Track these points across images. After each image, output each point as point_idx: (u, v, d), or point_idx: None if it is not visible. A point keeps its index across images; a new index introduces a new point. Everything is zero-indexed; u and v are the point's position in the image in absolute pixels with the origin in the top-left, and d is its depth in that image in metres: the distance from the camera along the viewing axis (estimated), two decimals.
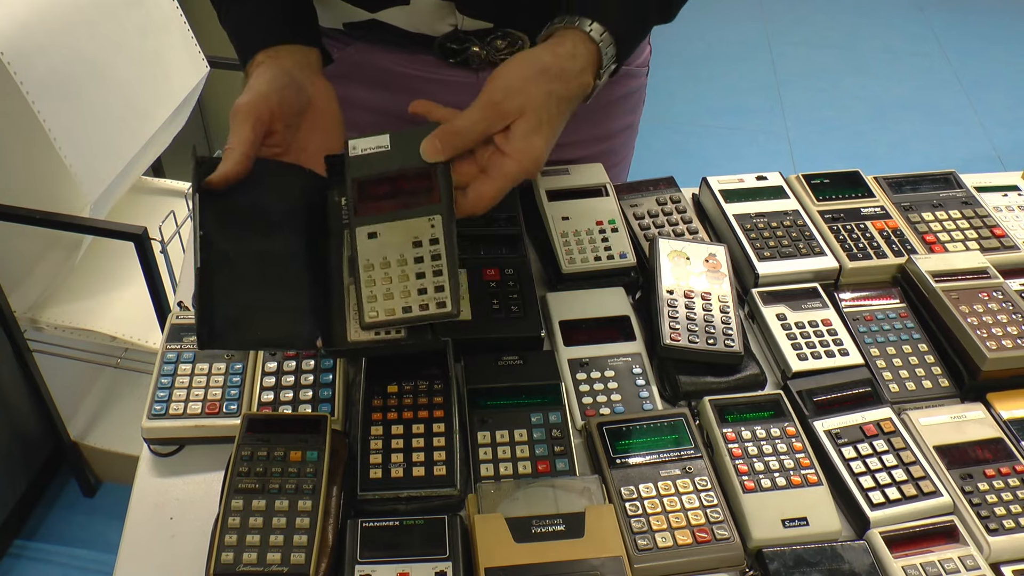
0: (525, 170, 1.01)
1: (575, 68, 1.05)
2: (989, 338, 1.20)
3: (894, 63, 4.63)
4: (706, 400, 1.13)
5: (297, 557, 0.94)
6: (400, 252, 0.98)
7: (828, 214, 1.43)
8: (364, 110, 1.44)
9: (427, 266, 0.97)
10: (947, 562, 0.99)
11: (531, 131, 1.00)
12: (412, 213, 0.99)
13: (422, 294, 0.96)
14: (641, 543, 0.99)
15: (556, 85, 1.03)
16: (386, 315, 0.96)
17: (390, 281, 0.97)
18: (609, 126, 1.54)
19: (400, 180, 1.01)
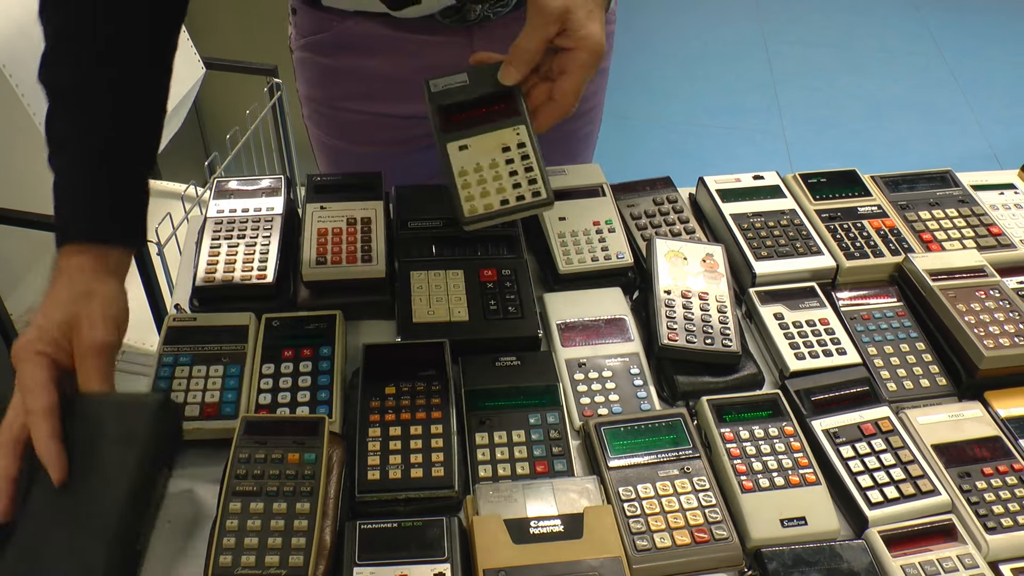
0: (594, 54, 1.06)
1: None
2: (986, 336, 1.20)
3: (890, 62, 4.63)
4: (704, 400, 1.13)
5: (295, 559, 0.94)
6: (492, 157, 1.07)
7: (825, 213, 1.42)
8: (360, 76, 1.46)
9: (518, 165, 1.06)
10: (945, 561, 0.99)
11: (584, 19, 1.06)
12: (497, 126, 1.08)
13: (517, 188, 1.05)
14: (640, 544, 0.99)
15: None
16: (485, 209, 1.04)
17: (485, 182, 1.05)
18: None
19: (481, 103, 1.09)
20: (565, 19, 1.05)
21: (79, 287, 1.01)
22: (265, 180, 1.40)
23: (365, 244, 1.28)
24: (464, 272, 1.27)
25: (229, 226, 1.32)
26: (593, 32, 1.06)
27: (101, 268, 1.04)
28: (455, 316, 1.22)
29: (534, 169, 1.06)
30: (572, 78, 1.07)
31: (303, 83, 1.57)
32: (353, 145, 1.57)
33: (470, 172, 1.06)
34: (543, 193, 1.04)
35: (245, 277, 1.26)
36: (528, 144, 1.07)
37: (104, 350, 1.00)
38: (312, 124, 1.62)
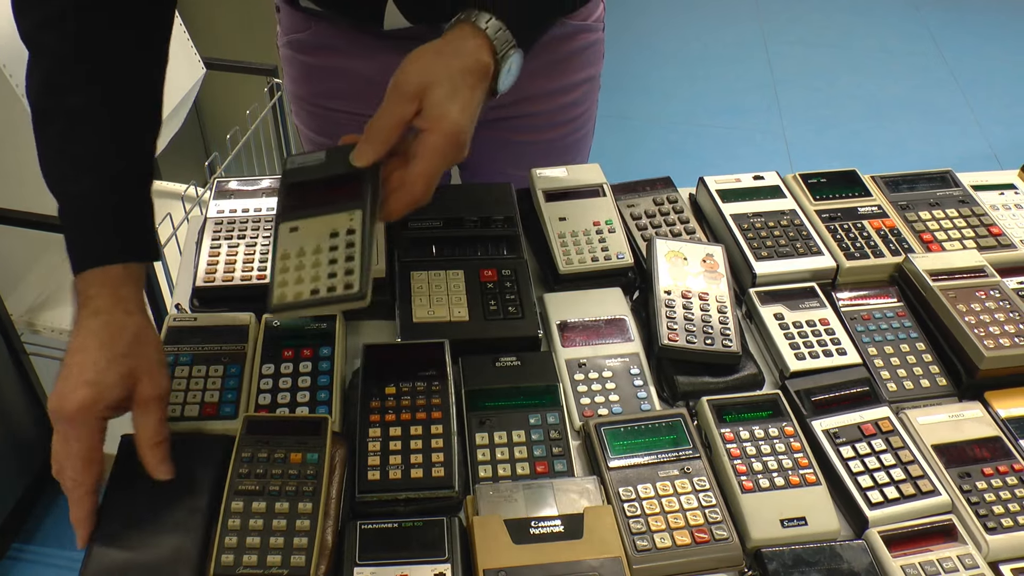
0: (447, 139, 0.99)
1: (468, 46, 1.04)
2: (987, 336, 1.20)
3: (890, 62, 4.63)
4: (704, 400, 1.13)
5: (297, 559, 0.94)
6: (317, 243, 0.98)
7: (825, 213, 1.43)
8: (339, 75, 1.47)
9: (340, 253, 0.97)
10: (946, 561, 0.99)
11: (443, 99, 0.99)
12: (334, 209, 1.00)
13: (331, 277, 0.95)
14: (640, 544, 0.99)
15: (454, 60, 1.03)
16: (294, 297, 0.95)
17: (303, 268, 0.97)
18: (568, 79, 1.54)
19: (328, 184, 1.02)
20: (422, 97, 1.00)
21: (131, 329, 1.01)
22: (265, 180, 1.40)
23: None
24: (464, 272, 1.27)
25: (229, 226, 1.33)
26: (448, 113, 0.99)
27: (140, 299, 1.05)
28: (455, 316, 1.22)
29: (355, 259, 0.95)
30: (422, 163, 1.00)
31: (288, 79, 1.59)
32: (334, 141, 1.56)
33: (292, 256, 0.98)
34: (355, 286, 0.94)
35: (245, 277, 1.26)
36: (358, 231, 0.97)
37: (165, 398, 1.02)
38: (299, 121, 1.63)
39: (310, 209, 1.01)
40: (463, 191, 1.45)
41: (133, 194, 1.08)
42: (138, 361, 1.00)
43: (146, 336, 1.02)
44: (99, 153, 1.06)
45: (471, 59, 1.03)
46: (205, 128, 3.11)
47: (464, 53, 1.04)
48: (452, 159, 1.01)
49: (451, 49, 1.04)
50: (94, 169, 1.05)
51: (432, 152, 0.99)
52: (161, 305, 1.90)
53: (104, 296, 1.02)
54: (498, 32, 1.05)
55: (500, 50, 1.06)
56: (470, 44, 1.04)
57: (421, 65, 1.02)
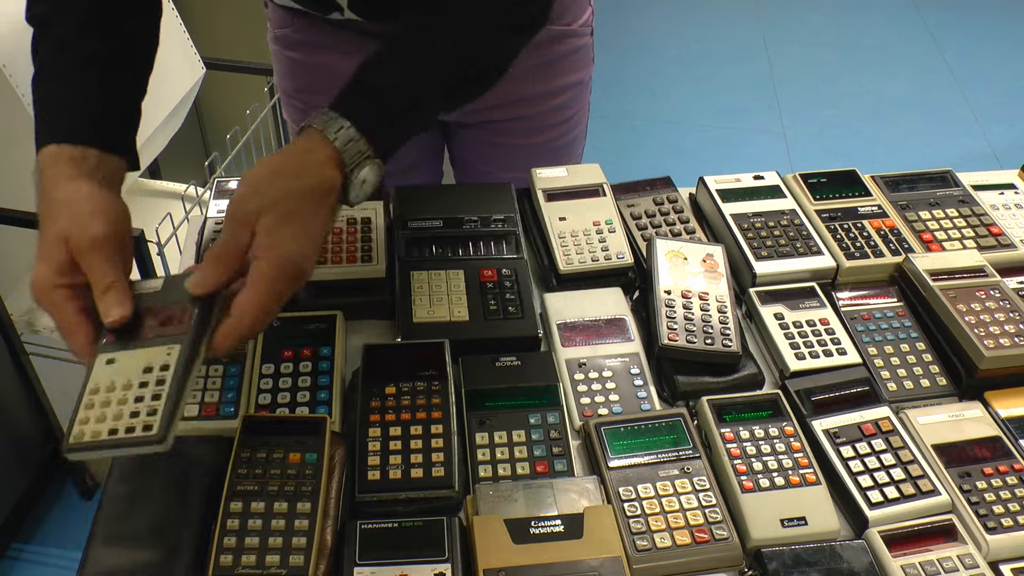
0: (278, 268, 0.95)
1: (312, 161, 1.00)
2: (987, 336, 1.20)
3: (890, 61, 4.63)
4: (704, 400, 1.13)
5: (296, 559, 0.94)
6: (128, 378, 0.91)
7: (825, 213, 1.43)
8: (325, 71, 1.46)
9: (149, 391, 0.90)
10: (946, 561, 0.99)
11: (273, 227, 0.95)
12: (154, 342, 0.94)
13: (133, 417, 0.88)
14: (640, 544, 0.99)
15: (293, 182, 0.98)
16: (92, 437, 0.88)
17: (108, 405, 0.90)
18: (557, 82, 1.56)
19: (156, 315, 0.96)
20: (254, 224, 0.95)
21: (60, 197, 0.98)
22: None
23: (365, 244, 1.28)
24: (464, 272, 1.27)
25: None
26: (280, 241, 0.95)
27: (77, 172, 1.01)
28: (455, 316, 1.22)
29: (160, 399, 0.88)
30: (250, 292, 0.94)
31: (277, 75, 1.60)
32: None
33: (101, 391, 0.91)
34: (154, 428, 0.87)
35: None
36: (172, 368, 0.90)
37: (97, 243, 0.96)
38: (288, 117, 1.64)
39: (131, 341, 0.94)
40: (463, 191, 1.46)
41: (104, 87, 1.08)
42: (64, 222, 0.96)
43: (75, 197, 0.98)
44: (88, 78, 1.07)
45: (312, 179, 0.99)
46: (205, 128, 3.11)
47: (305, 172, 0.99)
48: (285, 288, 0.96)
49: (292, 168, 1.00)
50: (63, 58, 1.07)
51: (260, 281, 0.94)
52: None
53: (43, 178, 1.01)
54: (348, 144, 1.01)
55: (350, 163, 1.01)
56: (315, 158, 1.00)
57: (255, 189, 0.97)
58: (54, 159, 1.02)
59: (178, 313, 0.95)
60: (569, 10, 1.49)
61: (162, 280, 0.99)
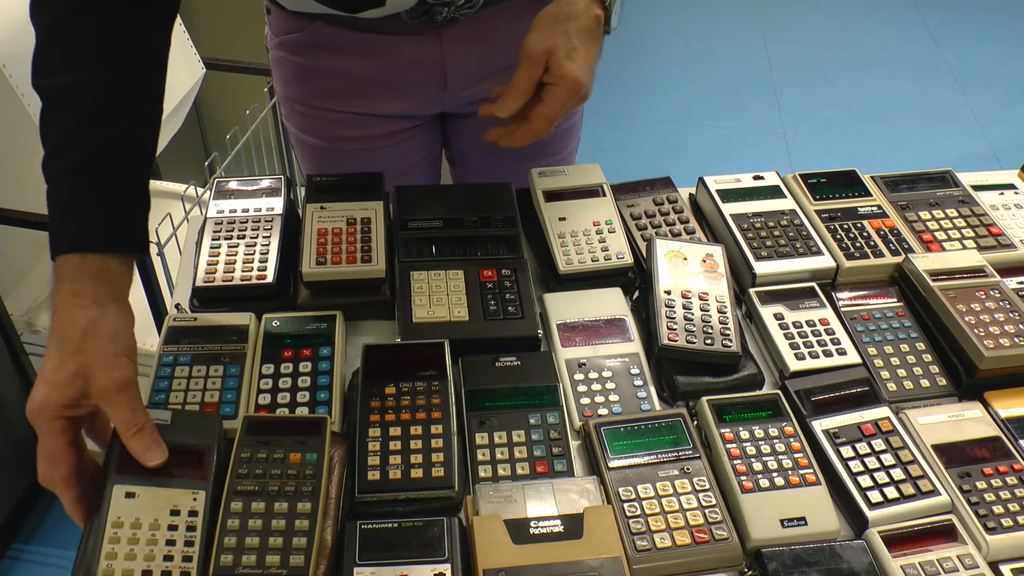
0: (570, 90, 1.19)
1: (580, 6, 1.22)
2: (987, 336, 1.20)
3: (890, 61, 4.63)
4: (704, 400, 1.13)
5: (296, 559, 0.94)
6: (155, 516, 0.96)
7: (825, 213, 1.43)
8: (335, 75, 1.48)
9: (180, 535, 0.95)
10: (946, 561, 0.99)
11: (563, 59, 1.18)
12: (177, 483, 0.99)
13: (168, 561, 0.93)
14: (640, 544, 0.99)
15: (569, 23, 1.21)
16: (123, 574, 0.92)
17: (137, 542, 0.94)
18: None
19: (172, 451, 1.00)
20: (548, 60, 1.19)
21: (81, 324, 1.00)
22: (265, 180, 1.40)
23: (365, 244, 1.28)
24: (464, 272, 1.27)
25: (229, 226, 1.32)
26: (570, 71, 1.19)
27: (102, 291, 1.03)
28: (455, 316, 1.22)
29: (194, 544, 0.95)
30: (547, 107, 1.20)
31: (279, 82, 1.59)
32: (330, 143, 1.58)
33: (125, 525, 0.95)
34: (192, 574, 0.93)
35: (245, 277, 1.26)
36: (200, 514, 0.97)
37: (125, 386, 0.99)
38: (290, 123, 1.63)
39: (151, 476, 0.99)
40: (463, 191, 1.46)
41: (113, 183, 1.07)
42: (88, 356, 0.98)
43: (99, 328, 1.00)
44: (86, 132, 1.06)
45: (584, 18, 1.22)
46: (205, 128, 3.11)
47: (577, 14, 1.21)
48: (573, 104, 1.22)
49: (565, 13, 1.21)
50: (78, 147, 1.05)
51: (555, 99, 1.19)
52: (161, 305, 1.90)
53: (61, 291, 1.02)
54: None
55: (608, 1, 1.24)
56: (581, 3, 1.22)
57: (543, 33, 1.20)
58: (76, 273, 1.03)
59: (195, 455, 1.01)
60: None
61: (170, 413, 1.04)
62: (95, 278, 1.03)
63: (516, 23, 1.41)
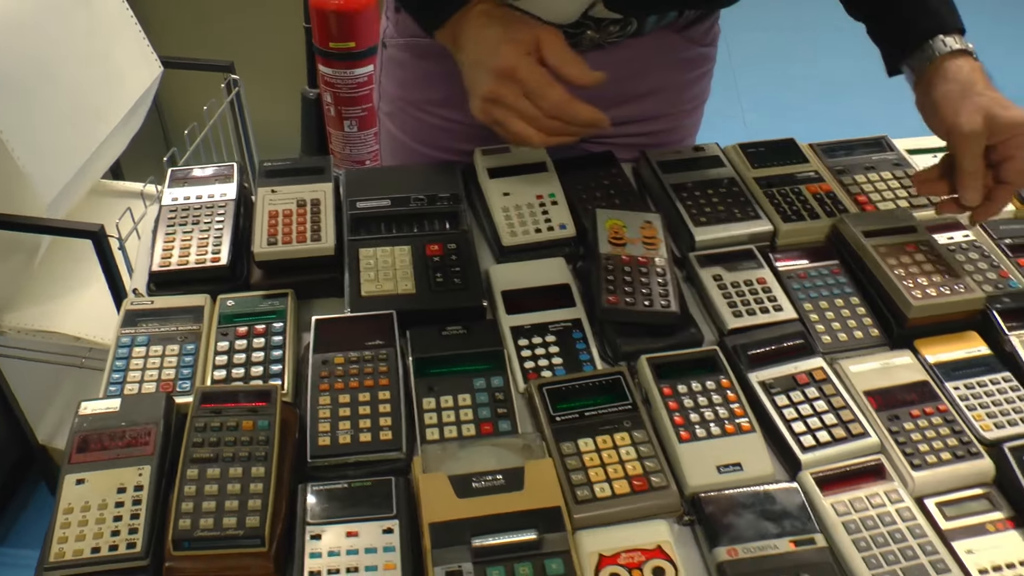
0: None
1: (964, 69, 1.26)
2: (915, 288, 1.24)
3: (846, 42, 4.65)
4: (643, 358, 1.17)
5: (252, 520, 0.97)
6: (103, 497, 0.99)
7: (764, 180, 1.47)
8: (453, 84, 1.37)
9: (126, 510, 0.99)
10: (874, 497, 1.03)
11: (1000, 111, 1.20)
12: (124, 463, 1.03)
13: (115, 536, 0.97)
14: (580, 494, 1.03)
15: (974, 87, 1.24)
16: (73, 555, 0.95)
17: (86, 523, 0.98)
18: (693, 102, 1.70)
19: (121, 436, 1.05)
20: (988, 125, 1.19)
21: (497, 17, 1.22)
22: (218, 167, 1.43)
23: (315, 224, 1.32)
24: (411, 248, 1.30)
25: (184, 213, 1.36)
26: (1017, 114, 1.19)
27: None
28: (402, 289, 1.25)
29: (140, 517, 0.98)
30: (1017, 162, 1.21)
31: (391, 80, 1.60)
32: (435, 151, 1.59)
33: (75, 510, 0.99)
34: (138, 547, 0.96)
35: (200, 260, 1.29)
36: (146, 487, 1.00)
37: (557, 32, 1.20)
38: (393, 124, 1.64)
39: (99, 462, 1.03)
40: (409, 172, 1.48)
41: None
42: (522, 18, 1.23)
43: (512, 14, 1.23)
44: None
45: (978, 74, 1.25)
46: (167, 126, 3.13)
47: (972, 77, 1.25)
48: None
49: (963, 83, 1.24)
50: None
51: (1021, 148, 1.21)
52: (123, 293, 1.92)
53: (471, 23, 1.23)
54: (964, 40, 1.28)
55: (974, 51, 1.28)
56: (964, 67, 1.26)
57: (961, 108, 1.22)
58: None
59: (142, 434, 1.05)
60: (714, 28, 1.59)
61: (118, 400, 1.09)
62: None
63: (658, 54, 1.48)
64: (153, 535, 0.97)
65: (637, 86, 1.52)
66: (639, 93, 1.53)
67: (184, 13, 2.88)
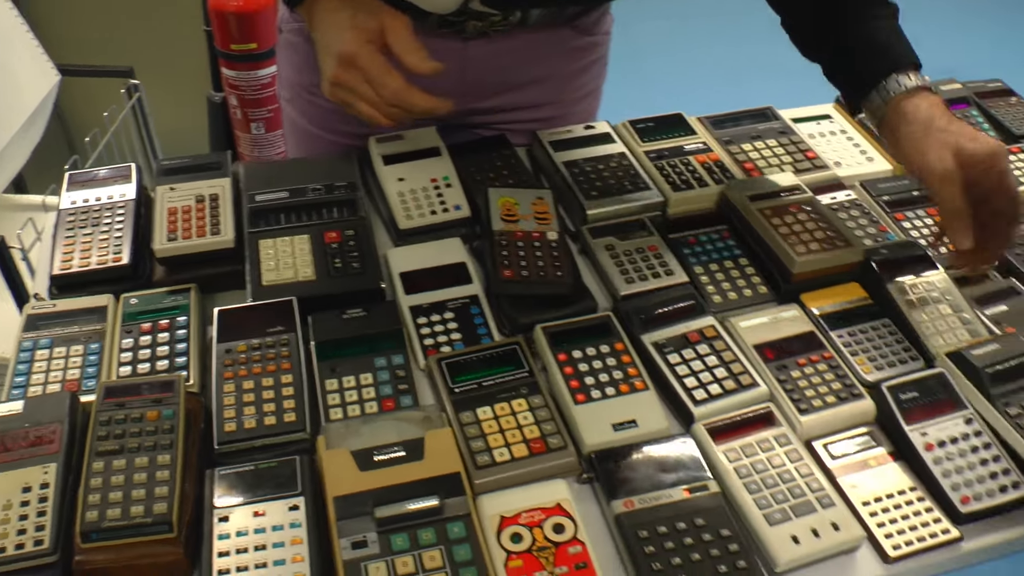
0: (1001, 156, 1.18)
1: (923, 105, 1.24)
2: (799, 244, 1.29)
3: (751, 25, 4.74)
4: (538, 327, 1.20)
5: (160, 507, 0.98)
6: (7, 497, 1.00)
7: (653, 153, 1.51)
8: None
9: (32, 508, 0.99)
10: (763, 442, 1.08)
11: (969, 144, 1.18)
12: (28, 463, 1.03)
13: (21, 535, 0.97)
14: (480, 460, 1.06)
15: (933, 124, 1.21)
16: None
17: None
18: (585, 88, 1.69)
19: (24, 437, 1.05)
20: (959, 161, 1.17)
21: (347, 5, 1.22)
22: (117, 168, 1.44)
23: (214, 218, 1.33)
24: (310, 236, 1.33)
25: (83, 216, 1.36)
26: (986, 143, 1.17)
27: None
28: (302, 276, 1.27)
29: (47, 514, 0.98)
30: (1005, 189, 1.18)
31: (289, 67, 1.62)
32: (332, 135, 1.61)
33: None
34: (46, 543, 0.96)
35: (102, 262, 1.29)
36: (52, 485, 1.01)
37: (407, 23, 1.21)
38: (293, 109, 1.66)
39: (4, 463, 1.03)
40: (307, 164, 1.50)
41: None
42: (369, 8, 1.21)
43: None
44: None
45: (937, 108, 1.23)
46: (71, 136, 3.10)
47: (930, 113, 1.22)
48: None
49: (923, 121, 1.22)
50: None
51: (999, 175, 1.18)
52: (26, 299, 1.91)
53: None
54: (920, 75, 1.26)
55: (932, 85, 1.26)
56: (922, 104, 1.24)
57: (926, 147, 1.20)
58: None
59: (47, 433, 1.05)
60: (603, 18, 1.60)
61: (22, 403, 1.09)
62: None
63: (545, 44, 1.50)
64: (61, 531, 0.98)
65: (525, 74, 1.55)
66: (528, 80, 1.56)
67: (85, 21, 2.85)
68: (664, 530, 1.00)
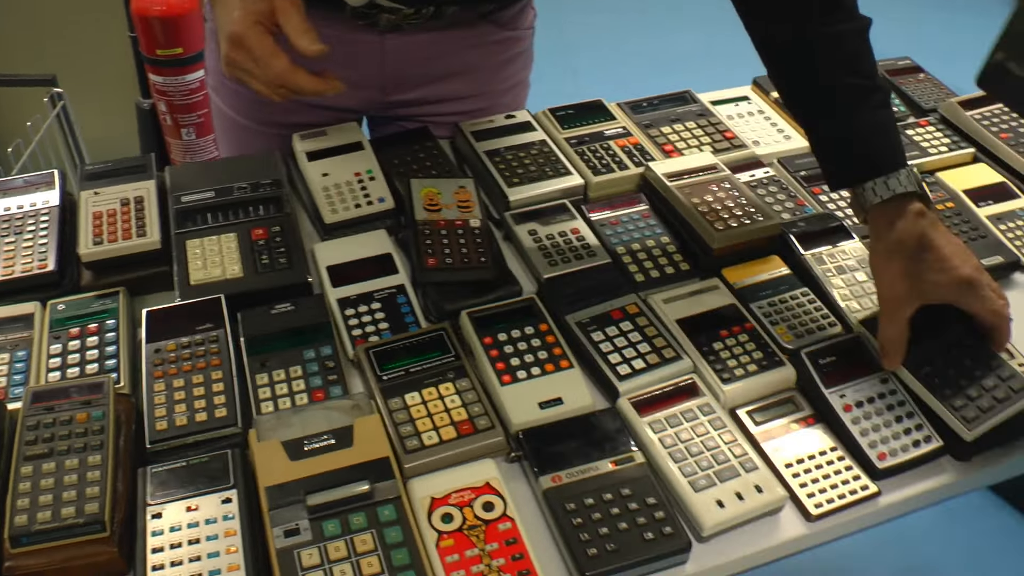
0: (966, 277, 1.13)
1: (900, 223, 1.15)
2: (717, 220, 1.32)
3: (683, 17, 4.80)
4: (464, 313, 1.22)
5: (91, 507, 0.98)
6: None
7: (574, 139, 1.53)
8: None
9: None
10: (687, 412, 1.11)
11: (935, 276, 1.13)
12: None
13: None
14: (409, 444, 1.07)
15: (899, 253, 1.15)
16: None
17: None
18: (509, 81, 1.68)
19: None
20: (918, 291, 1.13)
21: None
22: (39, 175, 1.44)
23: (140, 220, 1.33)
24: (237, 234, 1.33)
25: (5, 224, 1.36)
26: (955, 266, 1.12)
27: None
28: (230, 274, 1.28)
29: None
30: (979, 304, 1.14)
31: (211, 54, 1.62)
32: (259, 125, 1.62)
33: None
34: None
35: (27, 269, 1.29)
36: None
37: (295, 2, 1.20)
38: (218, 98, 1.66)
39: None
40: (232, 163, 1.50)
41: None
42: None
43: None
44: None
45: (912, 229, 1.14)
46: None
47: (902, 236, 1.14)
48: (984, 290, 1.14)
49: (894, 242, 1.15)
50: None
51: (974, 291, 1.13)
52: None
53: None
54: (909, 176, 1.16)
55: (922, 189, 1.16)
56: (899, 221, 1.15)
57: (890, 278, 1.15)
58: None
59: None
60: (523, 14, 1.60)
61: None
62: None
63: (461, 38, 1.51)
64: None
65: (442, 67, 1.56)
66: (449, 73, 1.57)
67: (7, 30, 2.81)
68: (591, 502, 1.02)
